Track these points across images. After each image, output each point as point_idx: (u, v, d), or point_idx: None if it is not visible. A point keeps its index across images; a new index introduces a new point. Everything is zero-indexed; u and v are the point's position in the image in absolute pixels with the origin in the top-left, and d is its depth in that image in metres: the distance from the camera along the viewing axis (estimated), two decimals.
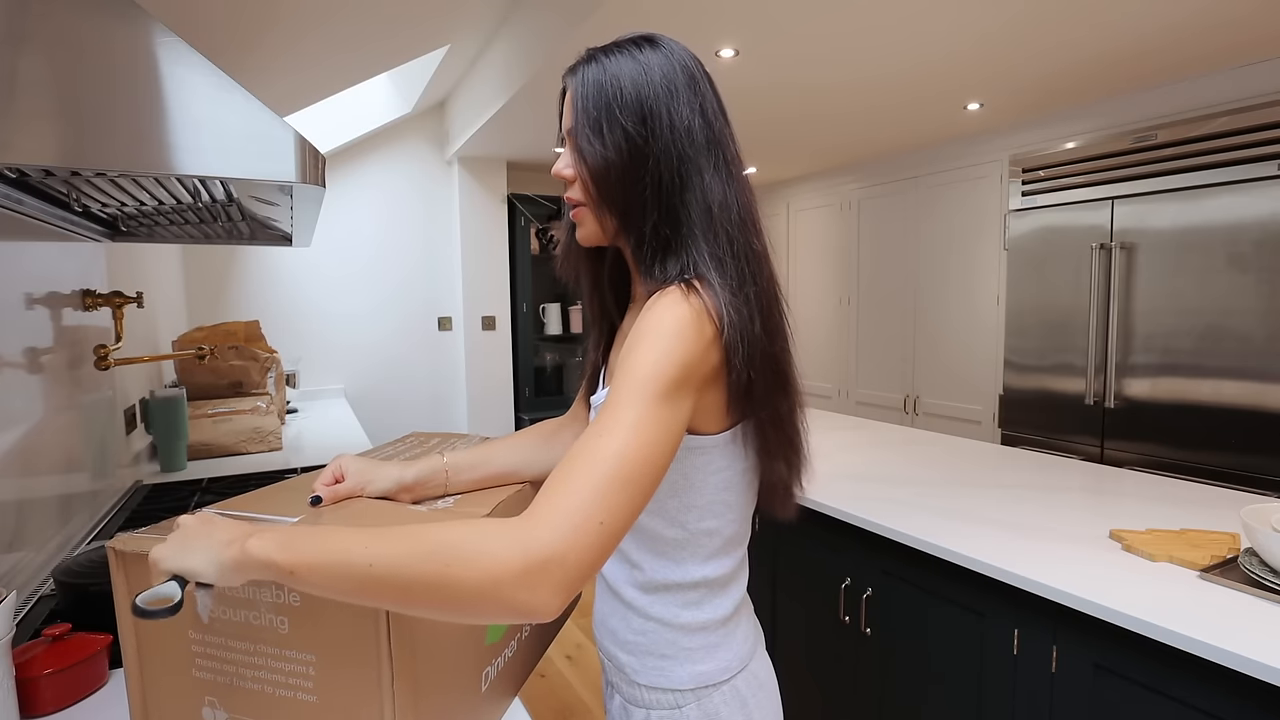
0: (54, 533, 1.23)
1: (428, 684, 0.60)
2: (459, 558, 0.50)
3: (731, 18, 2.05)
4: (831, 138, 3.57)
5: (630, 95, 0.69)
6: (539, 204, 4.19)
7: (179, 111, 0.70)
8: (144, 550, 0.60)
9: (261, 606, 0.58)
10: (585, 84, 0.70)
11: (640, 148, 0.69)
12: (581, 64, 0.72)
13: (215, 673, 0.61)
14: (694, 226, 0.70)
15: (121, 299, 1.50)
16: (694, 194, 0.69)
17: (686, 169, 0.70)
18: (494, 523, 0.54)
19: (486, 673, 0.73)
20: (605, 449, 0.57)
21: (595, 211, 0.73)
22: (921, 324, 3.81)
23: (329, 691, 0.57)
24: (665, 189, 0.69)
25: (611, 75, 0.70)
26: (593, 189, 0.71)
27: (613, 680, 0.83)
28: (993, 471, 1.87)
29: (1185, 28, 2.15)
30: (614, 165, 0.69)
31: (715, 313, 0.65)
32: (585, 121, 0.70)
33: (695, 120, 0.70)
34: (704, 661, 0.77)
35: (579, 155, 0.71)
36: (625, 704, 0.80)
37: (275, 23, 1.91)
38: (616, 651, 0.80)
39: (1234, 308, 2.33)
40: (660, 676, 0.77)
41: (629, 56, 0.71)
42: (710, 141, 0.71)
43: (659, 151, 0.69)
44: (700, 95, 0.72)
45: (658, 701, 0.77)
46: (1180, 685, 1.02)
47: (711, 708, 0.77)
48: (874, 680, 1.56)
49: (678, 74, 0.71)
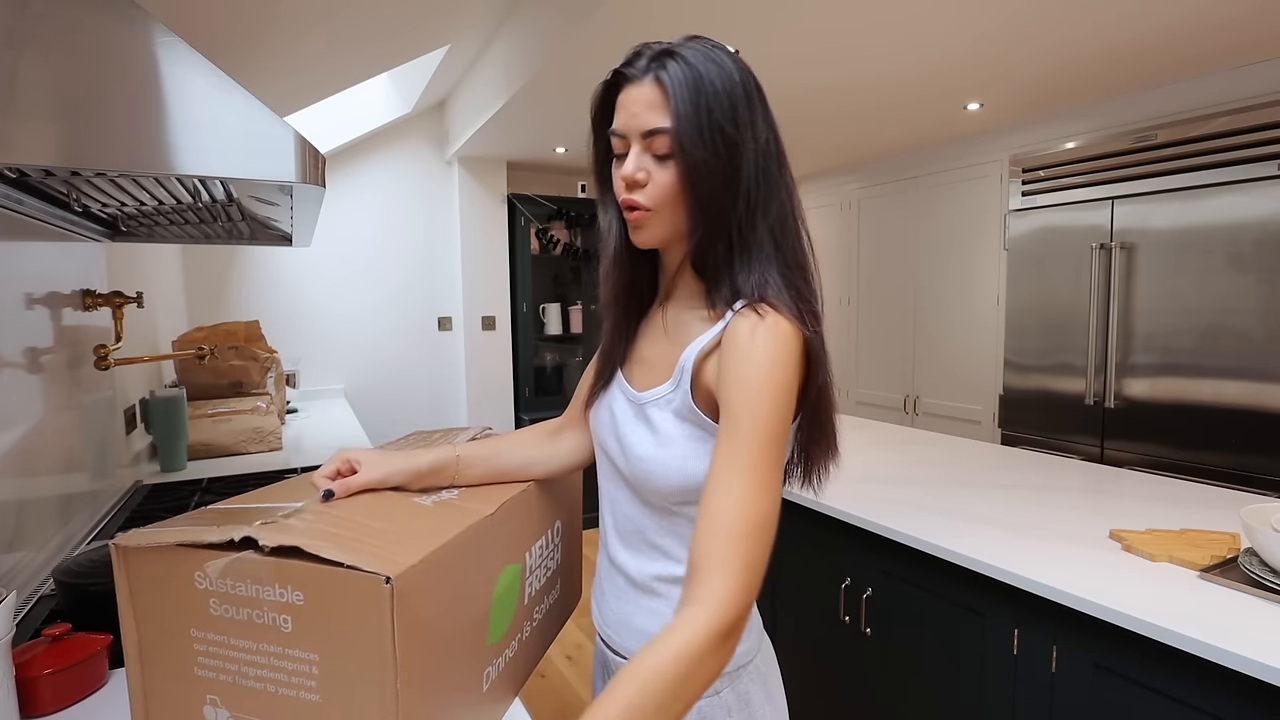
0: (54, 533, 1.23)
1: (431, 684, 0.60)
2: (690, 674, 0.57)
3: (731, 17, 2.05)
4: (831, 138, 3.57)
5: (724, 100, 0.68)
6: (539, 204, 4.19)
7: (179, 111, 0.70)
8: (145, 544, 0.60)
9: (265, 605, 0.58)
10: (677, 79, 0.67)
11: (736, 154, 0.68)
12: (664, 58, 0.68)
13: (217, 671, 0.60)
14: (766, 241, 0.70)
15: (121, 299, 1.50)
16: (774, 207, 0.71)
17: (770, 180, 0.70)
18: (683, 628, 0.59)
19: (488, 673, 0.73)
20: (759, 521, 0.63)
21: (670, 216, 0.71)
22: (921, 324, 3.81)
23: (332, 691, 0.57)
24: (751, 199, 0.70)
25: (697, 72, 0.67)
26: (688, 185, 0.69)
27: None
28: (993, 471, 1.87)
29: (1185, 27, 2.15)
30: (714, 171, 0.68)
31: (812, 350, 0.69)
32: (688, 118, 0.67)
33: (770, 130, 0.71)
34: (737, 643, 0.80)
35: (679, 159, 0.68)
36: None
37: (275, 23, 1.91)
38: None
39: (1234, 308, 2.33)
40: None
41: (708, 58, 0.69)
42: (780, 154, 0.72)
43: (748, 159, 0.69)
44: (768, 107, 0.72)
45: None
46: (1180, 685, 1.02)
47: (742, 689, 0.79)
48: (874, 680, 1.56)
49: (749, 79, 0.71)
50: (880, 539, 1.48)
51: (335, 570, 0.55)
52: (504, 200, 4.18)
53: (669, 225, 0.72)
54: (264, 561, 0.57)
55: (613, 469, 0.82)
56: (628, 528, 0.81)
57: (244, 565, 0.57)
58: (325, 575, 0.55)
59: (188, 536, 0.59)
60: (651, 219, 0.72)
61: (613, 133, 0.72)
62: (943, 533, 1.38)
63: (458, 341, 4.20)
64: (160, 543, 0.60)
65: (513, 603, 0.78)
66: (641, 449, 0.75)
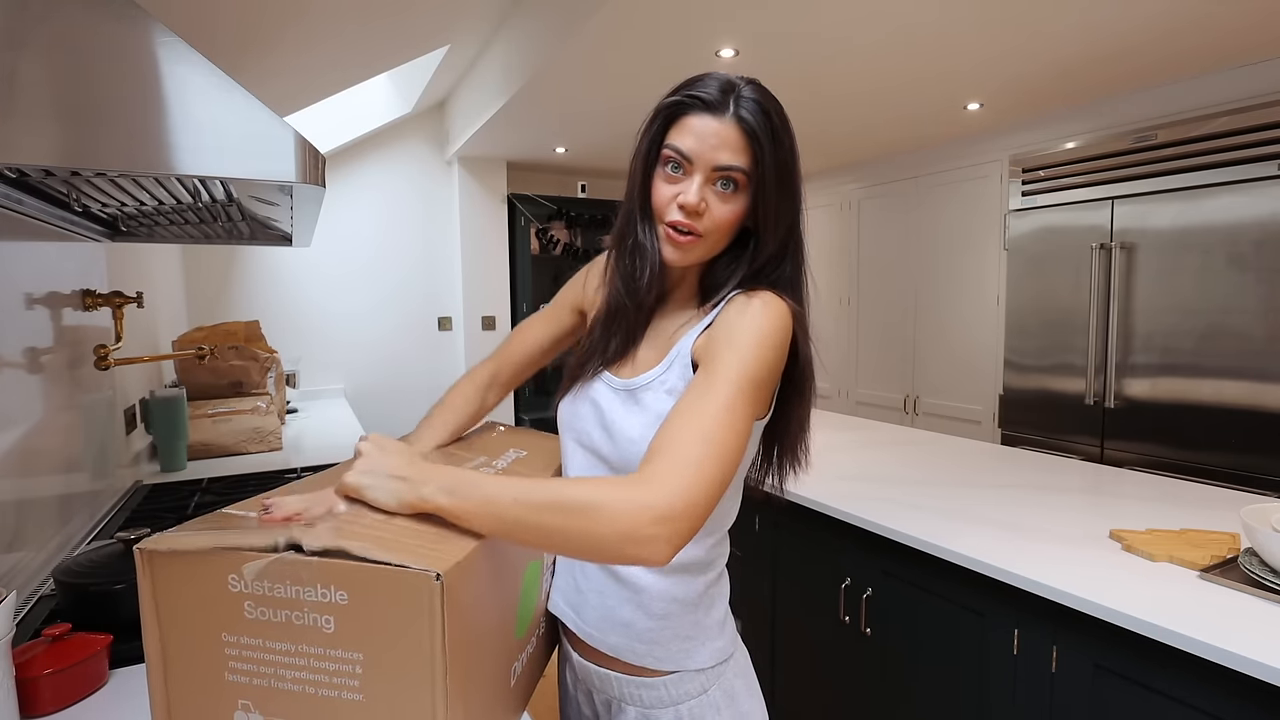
0: (54, 533, 1.23)
1: (472, 679, 0.60)
2: (594, 514, 0.58)
3: (731, 18, 2.05)
4: (831, 138, 3.58)
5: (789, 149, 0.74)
6: (539, 204, 4.19)
7: (179, 111, 0.70)
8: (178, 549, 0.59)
9: (305, 605, 0.57)
10: (761, 129, 0.72)
11: (797, 199, 0.76)
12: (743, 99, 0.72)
13: (251, 675, 0.59)
14: (791, 255, 0.77)
15: (121, 299, 1.50)
16: (800, 228, 0.78)
17: (801, 204, 0.77)
18: (619, 483, 0.61)
19: (515, 667, 0.73)
20: (713, 435, 0.63)
21: (717, 243, 0.76)
22: (921, 324, 3.81)
23: (377, 690, 0.57)
24: (795, 234, 0.77)
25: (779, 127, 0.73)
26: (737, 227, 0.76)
27: (621, 694, 0.80)
28: (993, 471, 1.87)
29: (1185, 26, 2.15)
30: (783, 214, 0.75)
31: (799, 328, 0.74)
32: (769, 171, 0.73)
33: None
34: (719, 637, 0.81)
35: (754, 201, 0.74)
36: (645, 712, 0.79)
37: (276, 23, 1.91)
38: (634, 645, 0.79)
39: (1234, 308, 2.33)
40: (686, 659, 0.79)
41: (775, 105, 0.74)
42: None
43: (801, 202, 0.77)
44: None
45: (684, 693, 0.78)
46: (1180, 685, 1.02)
47: (727, 685, 0.80)
48: (874, 680, 1.56)
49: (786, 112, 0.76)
50: (880, 539, 1.48)
51: (382, 568, 0.55)
52: (504, 200, 4.18)
53: (711, 250, 0.77)
54: (306, 562, 0.56)
55: (594, 460, 0.82)
56: None
57: (284, 566, 0.57)
58: (371, 574, 0.55)
59: (228, 541, 0.59)
60: (699, 244, 0.75)
61: (678, 151, 0.74)
62: (943, 533, 1.38)
63: (458, 341, 4.20)
64: (196, 548, 0.59)
65: (534, 599, 0.79)
66: (634, 431, 0.76)
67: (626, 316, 0.83)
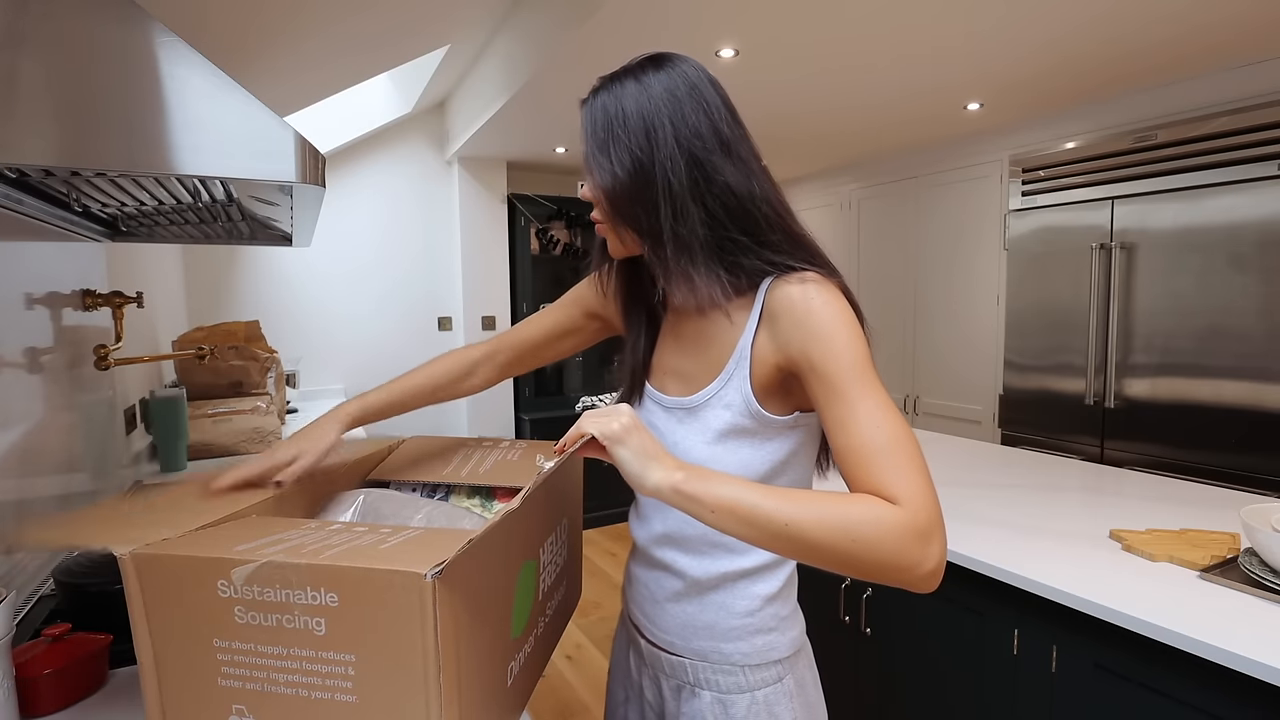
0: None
1: (466, 679, 0.60)
2: (864, 538, 0.59)
3: (731, 18, 2.05)
4: (831, 137, 3.57)
5: (632, 113, 0.73)
6: (539, 204, 4.19)
7: (179, 111, 0.70)
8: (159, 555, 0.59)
9: (296, 609, 0.57)
10: (593, 110, 0.76)
11: (645, 161, 0.73)
12: (591, 94, 0.78)
13: (244, 680, 0.60)
14: (732, 217, 0.73)
15: (121, 299, 1.50)
16: (714, 187, 0.72)
17: (698, 167, 0.72)
18: (885, 508, 0.60)
19: (511, 667, 0.73)
20: (901, 431, 0.64)
21: (614, 226, 0.78)
22: (921, 324, 3.81)
23: (370, 691, 0.57)
24: (678, 191, 0.72)
25: (615, 98, 0.75)
26: (607, 206, 0.76)
27: (696, 679, 0.82)
28: (993, 471, 1.87)
29: (1185, 26, 2.15)
30: (621, 181, 0.74)
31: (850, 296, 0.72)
32: (594, 145, 0.76)
33: (702, 122, 0.73)
34: (794, 626, 0.85)
35: (592, 177, 0.77)
36: (720, 697, 0.81)
37: (277, 23, 1.91)
38: (718, 645, 0.81)
39: (1234, 308, 2.33)
40: (770, 651, 0.81)
41: (632, 79, 0.75)
42: (722, 141, 0.73)
43: (664, 159, 0.72)
44: (704, 101, 0.74)
45: (761, 680, 0.81)
46: (1180, 685, 1.02)
47: (800, 674, 0.84)
48: (874, 680, 1.56)
49: (678, 85, 0.74)
50: None
51: (373, 569, 0.55)
52: (504, 200, 4.18)
53: (616, 235, 0.79)
54: (295, 565, 0.56)
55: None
56: (686, 532, 0.81)
57: (273, 570, 0.57)
58: (362, 575, 0.55)
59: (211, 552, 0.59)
60: (606, 230, 0.80)
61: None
62: None
63: (458, 342, 4.20)
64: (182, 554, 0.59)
65: (529, 599, 0.79)
66: (697, 451, 0.77)
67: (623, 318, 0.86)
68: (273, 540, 0.63)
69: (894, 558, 0.59)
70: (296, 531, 0.65)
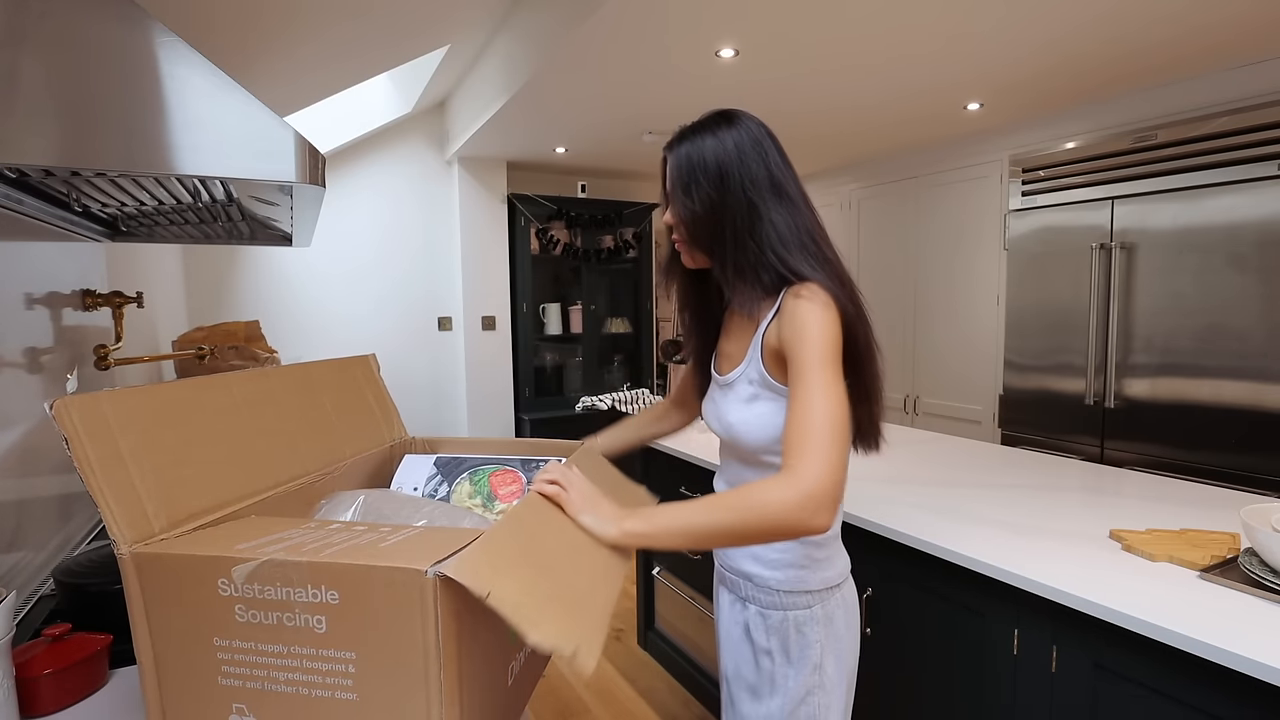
0: (54, 533, 1.23)
1: (470, 676, 0.60)
2: (754, 509, 0.77)
3: (731, 18, 2.05)
4: (831, 137, 3.57)
5: (711, 163, 0.94)
6: (539, 204, 4.19)
7: (179, 111, 0.70)
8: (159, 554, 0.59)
9: (296, 607, 0.57)
10: (678, 157, 0.97)
11: (718, 202, 0.94)
12: (675, 141, 0.98)
13: (244, 679, 0.60)
14: (772, 247, 0.93)
15: (121, 299, 1.50)
16: (763, 225, 0.94)
17: (754, 210, 0.94)
18: (773, 484, 0.78)
19: (512, 667, 0.73)
20: (827, 414, 0.81)
21: (689, 248, 1.02)
22: (921, 324, 3.81)
23: (371, 689, 0.57)
24: (739, 227, 0.94)
25: (697, 149, 0.96)
26: (685, 233, 1.00)
27: (746, 595, 1.07)
28: (993, 471, 1.87)
29: (1184, 26, 2.15)
30: (698, 216, 0.96)
31: (837, 304, 0.89)
32: (679, 186, 0.97)
33: (760, 172, 0.94)
34: (828, 568, 1.04)
35: (675, 209, 0.99)
36: (762, 610, 1.04)
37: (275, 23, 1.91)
38: (760, 570, 1.04)
39: (1234, 308, 2.33)
40: (800, 583, 1.02)
41: (710, 133, 0.96)
42: (772, 185, 0.95)
43: (731, 203, 0.94)
44: (764, 153, 0.95)
45: (794, 604, 1.02)
46: (1180, 685, 1.02)
47: (830, 609, 1.03)
48: (874, 680, 1.56)
49: (745, 140, 0.95)
50: (880, 539, 1.48)
51: (374, 567, 0.55)
52: (504, 200, 4.18)
53: (690, 255, 1.03)
54: (296, 563, 0.56)
55: (721, 444, 1.10)
56: (736, 483, 1.05)
57: (274, 568, 0.57)
58: (363, 572, 0.55)
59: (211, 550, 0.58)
60: (683, 249, 1.03)
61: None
62: (943, 533, 1.38)
63: (458, 341, 4.20)
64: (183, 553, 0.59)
65: None
66: (732, 416, 1.01)
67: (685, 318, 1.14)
68: (273, 539, 0.62)
69: (782, 523, 0.77)
70: (297, 530, 0.65)
